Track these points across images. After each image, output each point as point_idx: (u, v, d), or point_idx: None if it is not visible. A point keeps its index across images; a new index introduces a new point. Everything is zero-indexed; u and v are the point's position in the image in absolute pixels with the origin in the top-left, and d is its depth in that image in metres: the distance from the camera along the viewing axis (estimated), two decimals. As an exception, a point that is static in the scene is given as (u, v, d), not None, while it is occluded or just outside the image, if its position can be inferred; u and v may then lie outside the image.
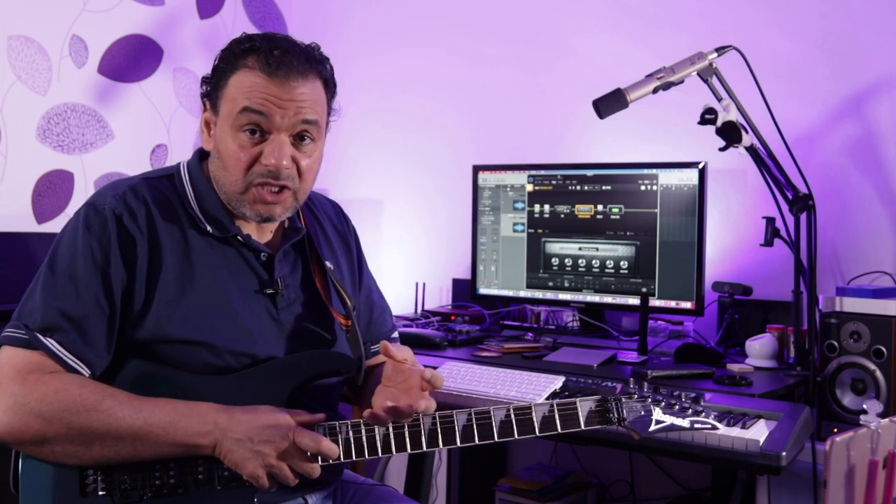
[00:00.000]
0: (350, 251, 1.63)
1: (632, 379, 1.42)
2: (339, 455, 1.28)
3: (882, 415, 1.55)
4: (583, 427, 1.35)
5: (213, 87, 1.39)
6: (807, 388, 1.91)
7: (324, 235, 1.57)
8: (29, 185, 2.59)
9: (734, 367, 2.03)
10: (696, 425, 1.40)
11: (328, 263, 1.52)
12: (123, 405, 1.24)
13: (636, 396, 1.39)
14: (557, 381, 1.87)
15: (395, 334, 1.71)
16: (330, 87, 1.43)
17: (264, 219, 1.39)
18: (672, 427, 1.39)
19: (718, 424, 1.43)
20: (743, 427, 1.61)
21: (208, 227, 1.39)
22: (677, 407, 1.40)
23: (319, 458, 1.27)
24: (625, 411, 1.37)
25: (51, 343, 1.27)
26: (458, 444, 1.32)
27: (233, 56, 1.36)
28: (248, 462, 1.24)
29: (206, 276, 1.37)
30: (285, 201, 1.38)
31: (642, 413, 1.38)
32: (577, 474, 2.61)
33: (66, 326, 1.27)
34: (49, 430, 1.22)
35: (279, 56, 1.33)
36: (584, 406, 1.36)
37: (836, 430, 1.86)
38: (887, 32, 2.25)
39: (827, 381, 1.94)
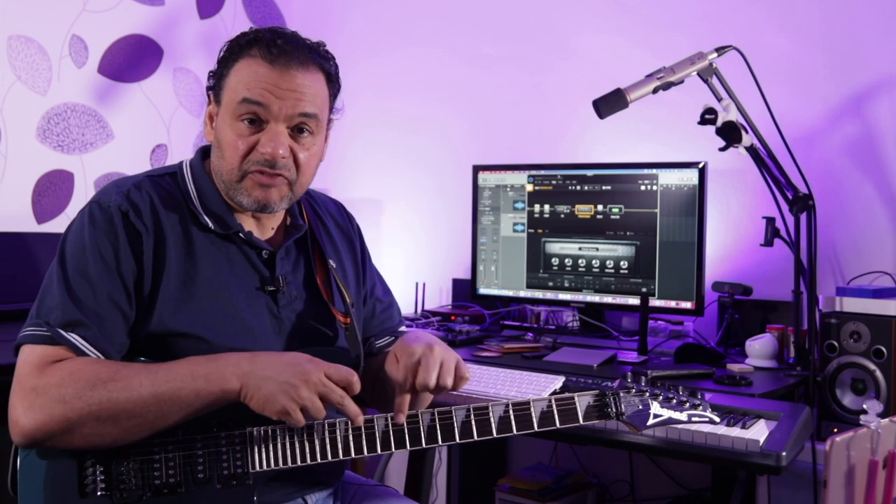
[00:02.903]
0: (353, 248, 1.63)
1: (629, 374, 1.43)
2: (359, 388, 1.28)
3: (882, 415, 1.55)
4: (581, 422, 1.36)
5: (217, 79, 1.41)
6: (807, 388, 1.92)
7: (326, 233, 1.57)
8: (29, 185, 2.59)
9: (734, 367, 2.03)
10: (694, 419, 1.41)
11: (330, 261, 1.52)
12: (140, 372, 1.24)
13: (634, 391, 1.40)
14: (557, 381, 1.88)
15: (403, 328, 1.69)
16: (333, 83, 1.43)
17: (261, 206, 1.39)
18: (670, 420, 1.40)
19: (716, 417, 1.43)
20: (743, 427, 1.62)
21: (210, 224, 1.39)
22: (675, 401, 1.41)
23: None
24: (623, 406, 1.38)
25: (73, 337, 1.27)
26: (457, 440, 1.32)
27: (237, 46, 1.38)
28: (279, 396, 1.22)
29: (207, 272, 1.37)
30: (280, 188, 1.38)
31: (640, 407, 1.39)
32: (577, 474, 2.61)
33: (88, 321, 1.27)
34: (72, 413, 1.20)
35: (282, 45, 1.35)
36: (582, 401, 1.37)
37: (836, 430, 1.86)
38: (887, 32, 2.25)
39: (827, 381, 1.94)
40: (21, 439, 1.22)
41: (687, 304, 2.28)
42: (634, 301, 2.33)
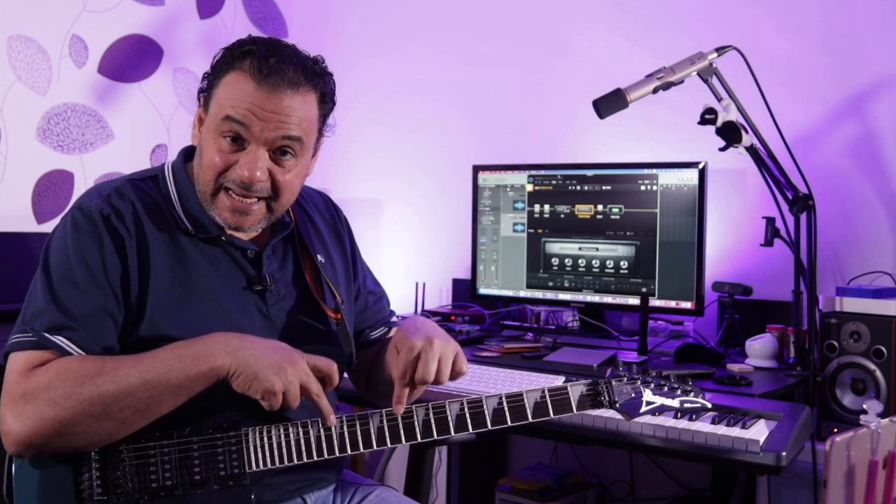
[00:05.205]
0: (342, 242, 1.62)
1: (621, 362, 1.43)
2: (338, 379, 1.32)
3: (882, 415, 1.55)
4: (575, 411, 1.37)
5: (208, 85, 1.39)
6: (807, 388, 1.91)
7: (314, 229, 1.56)
8: (29, 185, 2.59)
9: (734, 367, 2.03)
10: (686, 404, 1.43)
11: (319, 257, 1.51)
12: (126, 362, 1.24)
13: (626, 379, 1.42)
14: (557, 382, 1.87)
15: (395, 318, 1.69)
16: (326, 101, 1.40)
17: (234, 228, 1.38)
18: (662, 407, 1.42)
19: (708, 403, 1.46)
20: (743, 427, 1.61)
21: (191, 229, 1.38)
22: (666, 388, 1.43)
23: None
24: (615, 394, 1.39)
25: (60, 340, 1.26)
26: (453, 433, 1.34)
27: (231, 56, 1.35)
28: (268, 374, 1.22)
29: (194, 275, 1.36)
30: (257, 212, 1.37)
31: (633, 395, 1.41)
32: (577, 474, 2.61)
33: (74, 325, 1.27)
34: (64, 413, 1.19)
35: (273, 64, 1.31)
36: (574, 391, 1.38)
37: (836, 430, 1.86)
38: (887, 32, 2.25)
39: (827, 381, 1.94)
40: (16, 448, 1.21)
41: (687, 304, 2.27)
42: (634, 301, 2.32)
